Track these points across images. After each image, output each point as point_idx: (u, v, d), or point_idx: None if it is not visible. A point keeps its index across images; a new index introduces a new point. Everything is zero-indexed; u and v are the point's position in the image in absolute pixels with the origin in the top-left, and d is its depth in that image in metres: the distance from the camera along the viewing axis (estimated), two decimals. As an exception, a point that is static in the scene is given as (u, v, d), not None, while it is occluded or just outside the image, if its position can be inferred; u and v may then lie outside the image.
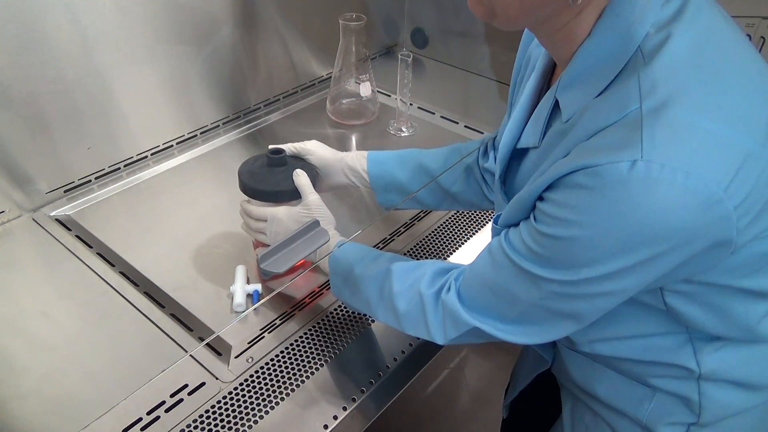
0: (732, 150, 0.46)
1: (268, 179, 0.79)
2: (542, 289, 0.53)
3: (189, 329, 0.80)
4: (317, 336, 0.79)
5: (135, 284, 0.86)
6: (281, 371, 0.74)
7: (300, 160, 0.84)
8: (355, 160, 0.84)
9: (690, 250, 0.47)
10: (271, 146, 0.83)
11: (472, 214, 1.02)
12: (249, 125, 1.23)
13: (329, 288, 0.86)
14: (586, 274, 0.49)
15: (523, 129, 0.62)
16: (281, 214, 0.77)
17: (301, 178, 0.78)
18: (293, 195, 0.79)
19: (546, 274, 0.52)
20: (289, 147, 0.84)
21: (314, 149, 0.84)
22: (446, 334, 0.62)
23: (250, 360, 0.75)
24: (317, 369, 0.75)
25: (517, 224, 0.56)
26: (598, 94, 0.51)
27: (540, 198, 0.52)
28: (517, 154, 0.64)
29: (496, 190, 0.68)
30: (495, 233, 0.61)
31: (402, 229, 0.98)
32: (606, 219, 0.46)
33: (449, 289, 0.61)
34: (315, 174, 0.83)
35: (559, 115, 0.55)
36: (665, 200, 0.44)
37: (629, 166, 0.44)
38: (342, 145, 1.20)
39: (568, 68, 0.53)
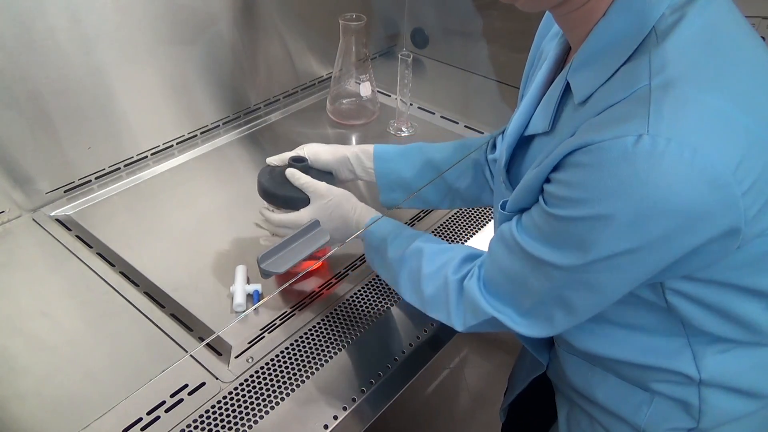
0: (740, 132, 0.45)
1: (287, 186, 0.79)
2: (552, 277, 0.52)
3: (189, 329, 0.80)
4: (317, 336, 0.79)
5: (135, 284, 0.86)
6: (281, 371, 0.74)
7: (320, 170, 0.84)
8: (360, 156, 0.84)
9: (698, 236, 0.46)
10: (292, 154, 0.83)
11: (472, 213, 1.02)
12: (249, 125, 1.23)
13: (329, 288, 0.86)
14: (596, 255, 0.48)
15: (532, 116, 0.62)
16: (305, 219, 0.76)
17: (301, 179, 0.78)
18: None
19: (556, 259, 0.51)
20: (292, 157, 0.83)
21: (313, 154, 0.84)
22: (465, 321, 0.62)
23: (250, 360, 0.75)
24: (317, 369, 0.75)
25: (525, 209, 0.56)
26: (611, 75, 0.50)
27: (547, 180, 0.52)
28: (524, 142, 0.64)
29: (498, 178, 0.68)
30: (502, 219, 0.60)
31: (402, 229, 0.98)
32: (612, 196, 0.45)
33: (472, 276, 0.61)
34: (331, 180, 0.83)
35: (570, 99, 0.55)
36: (671, 175, 0.43)
37: (634, 141, 0.43)
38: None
39: (581, 48, 0.53)
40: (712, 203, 0.44)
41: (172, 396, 0.71)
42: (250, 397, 0.71)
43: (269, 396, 0.71)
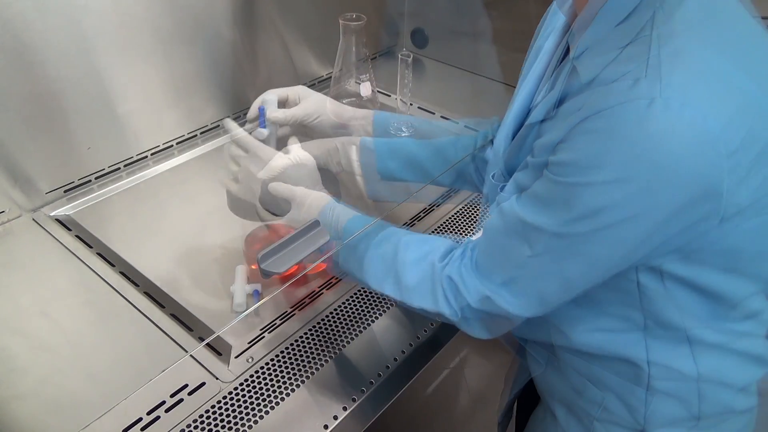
0: (733, 88, 0.46)
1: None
2: (552, 248, 0.52)
3: (189, 329, 0.80)
4: (317, 336, 0.79)
5: (135, 284, 0.86)
6: (281, 371, 0.74)
7: (325, 173, 0.83)
8: (347, 142, 0.85)
9: (681, 196, 0.47)
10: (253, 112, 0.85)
11: (473, 214, 1.02)
12: (249, 125, 1.22)
13: (329, 287, 0.86)
14: (601, 219, 0.49)
15: (530, 105, 0.62)
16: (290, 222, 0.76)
17: (279, 190, 0.76)
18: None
19: (557, 227, 0.51)
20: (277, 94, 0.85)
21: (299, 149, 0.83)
22: (457, 305, 0.61)
23: (250, 360, 0.75)
24: (317, 369, 0.75)
25: (524, 189, 0.56)
26: (617, 56, 0.50)
27: (553, 153, 0.52)
28: (523, 132, 0.63)
29: (495, 169, 0.67)
30: (500, 200, 0.60)
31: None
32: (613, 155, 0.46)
33: (463, 257, 0.61)
34: (336, 184, 0.83)
35: (576, 81, 0.55)
36: (657, 125, 0.44)
37: (647, 104, 0.44)
38: (342, 145, 1.20)
39: (585, 34, 0.53)
40: (696, 157, 0.45)
41: (172, 396, 0.71)
42: (250, 397, 0.71)
43: (269, 396, 0.71)
